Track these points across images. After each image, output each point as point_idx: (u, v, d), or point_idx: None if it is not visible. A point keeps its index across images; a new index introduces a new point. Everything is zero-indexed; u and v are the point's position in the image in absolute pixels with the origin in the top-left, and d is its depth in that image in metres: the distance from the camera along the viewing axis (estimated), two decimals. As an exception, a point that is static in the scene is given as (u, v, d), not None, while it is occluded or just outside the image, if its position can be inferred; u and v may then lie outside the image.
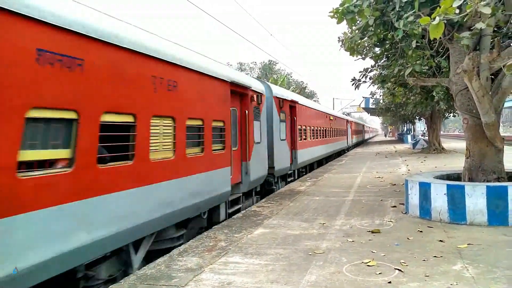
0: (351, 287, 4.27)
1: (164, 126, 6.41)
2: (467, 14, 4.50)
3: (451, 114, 26.69)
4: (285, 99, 14.47)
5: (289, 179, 15.15)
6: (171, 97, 6.61)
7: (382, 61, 10.59)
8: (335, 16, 7.53)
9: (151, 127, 5.98)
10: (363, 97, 42.94)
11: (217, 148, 8.43)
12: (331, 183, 13.47)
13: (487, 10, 4.25)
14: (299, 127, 16.54)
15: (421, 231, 6.50)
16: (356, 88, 11.11)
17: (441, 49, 8.76)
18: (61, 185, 4.33)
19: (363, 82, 11.00)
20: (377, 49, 10.39)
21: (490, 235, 6.10)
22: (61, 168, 4.40)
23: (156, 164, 6.10)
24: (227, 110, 9.00)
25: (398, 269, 4.73)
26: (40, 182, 4.07)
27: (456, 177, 8.58)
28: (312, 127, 19.75)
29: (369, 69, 10.94)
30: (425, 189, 7.44)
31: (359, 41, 9.37)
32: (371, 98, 34.04)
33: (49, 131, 4.43)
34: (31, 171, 4.04)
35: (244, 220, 8.06)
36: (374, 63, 11.05)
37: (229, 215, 8.98)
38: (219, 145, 8.59)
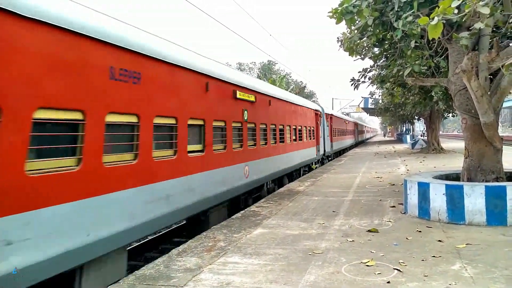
0: (350, 287, 4.27)
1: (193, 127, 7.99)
2: (465, 14, 4.51)
3: (450, 114, 26.73)
4: (327, 113, 26.59)
5: (329, 159, 26.74)
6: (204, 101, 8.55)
7: (381, 61, 10.60)
8: (334, 16, 7.52)
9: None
10: (362, 97, 42.99)
11: (309, 139, 19.60)
12: (330, 183, 13.47)
13: (486, 10, 4.26)
14: (333, 129, 28.63)
15: (420, 231, 6.51)
16: (355, 89, 11.12)
17: (440, 49, 8.77)
18: (140, 170, 5.94)
19: (362, 82, 11.01)
20: (376, 49, 10.40)
21: (488, 235, 6.10)
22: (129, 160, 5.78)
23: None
24: (314, 122, 20.99)
25: (397, 269, 4.73)
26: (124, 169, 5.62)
27: (455, 177, 8.59)
28: (339, 129, 32.09)
29: (368, 69, 10.96)
30: (424, 189, 7.45)
31: (358, 41, 9.37)
32: (370, 98, 34.12)
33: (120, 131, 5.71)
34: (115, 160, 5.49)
35: (243, 220, 8.06)
36: (373, 63, 11.06)
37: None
38: (311, 138, 20.11)
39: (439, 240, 5.90)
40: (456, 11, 4.08)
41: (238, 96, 10.32)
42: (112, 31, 5.59)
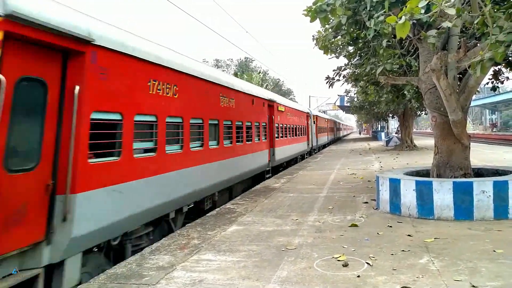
0: (321, 282, 4.34)
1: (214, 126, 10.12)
2: (433, 14, 4.63)
3: (423, 112, 27.38)
4: (314, 115, 31.81)
5: (315, 151, 31.61)
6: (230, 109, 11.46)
7: (355, 59, 10.75)
8: (309, 14, 7.59)
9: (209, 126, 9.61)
10: (338, 95, 43.53)
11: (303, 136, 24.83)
12: (306, 180, 13.60)
13: (452, 11, 4.38)
14: (318, 127, 34.08)
15: (390, 226, 6.66)
16: (330, 87, 11.27)
17: (412, 49, 8.98)
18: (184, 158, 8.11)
19: (337, 80, 11.16)
20: (350, 48, 10.55)
21: (456, 229, 6.30)
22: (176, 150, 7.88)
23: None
24: (305, 122, 26.44)
25: (367, 263, 4.83)
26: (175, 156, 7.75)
27: (425, 173, 8.82)
28: (321, 127, 37.39)
29: (343, 68, 11.11)
30: (395, 185, 7.62)
31: (333, 39, 9.49)
32: (346, 96, 34.56)
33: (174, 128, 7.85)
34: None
35: (218, 217, 8.05)
36: (348, 61, 11.22)
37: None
38: (303, 135, 25.11)
39: (409, 235, 6.06)
40: (423, 11, 4.18)
41: (264, 105, 15.38)
42: (178, 61, 8.14)
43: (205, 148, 9.25)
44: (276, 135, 17.17)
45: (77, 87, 5.04)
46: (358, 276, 4.44)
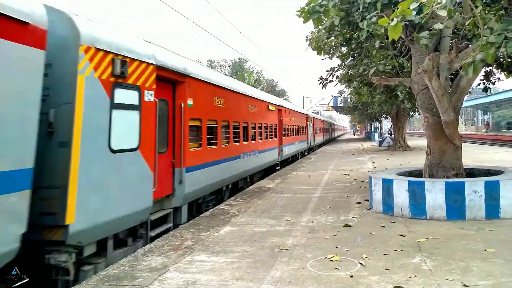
0: (314, 282, 4.35)
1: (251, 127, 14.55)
2: (425, 16, 4.67)
3: (416, 113, 27.55)
4: (311, 117, 34.78)
5: (312, 150, 34.19)
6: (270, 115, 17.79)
7: (348, 60, 10.79)
8: (302, 15, 7.61)
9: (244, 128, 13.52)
10: (332, 96, 43.67)
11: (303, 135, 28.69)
12: (299, 180, 13.63)
13: (443, 13, 4.42)
14: (314, 128, 36.50)
15: (383, 226, 6.69)
16: (324, 87, 11.30)
17: (404, 50, 9.03)
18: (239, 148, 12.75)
19: (330, 81, 11.20)
20: (343, 49, 10.59)
21: (448, 229, 6.35)
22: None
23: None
24: (305, 123, 30.14)
25: (360, 263, 4.85)
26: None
27: (418, 173, 8.88)
28: (317, 127, 40.20)
29: (336, 68, 11.15)
30: (388, 185, 7.66)
31: (326, 40, 9.53)
32: (340, 97, 34.68)
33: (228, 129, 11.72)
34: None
35: (212, 218, 8.04)
36: (341, 62, 11.26)
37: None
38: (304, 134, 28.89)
39: (401, 235, 6.09)
40: (415, 12, 4.21)
41: (275, 110, 19.16)
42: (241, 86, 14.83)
43: (241, 144, 12.98)
44: (283, 135, 20.82)
45: (182, 104, 8.35)
46: (351, 276, 4.46)
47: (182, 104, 8.30)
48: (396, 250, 5.33)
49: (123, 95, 6.25)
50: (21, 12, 4.43)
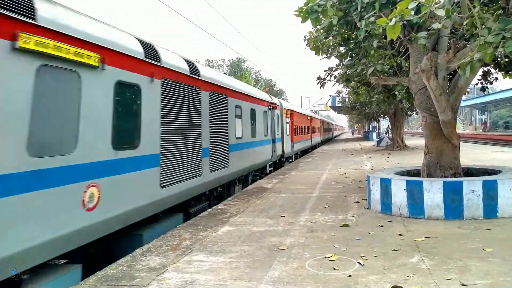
0: (313, 282, 4.35)
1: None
2: (423, 16, 4.67)
3: (414, 112, 27.59)
4: (320, 119, 47.76)
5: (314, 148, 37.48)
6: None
7: (346, 60, 10.80)
8: (300, 15, 7.61)
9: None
10: (330, 96, 43.68)
11: (307, 134, 33.33)
12: (298, 180, 13.63)
13: (441, 13, 4.42)
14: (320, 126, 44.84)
15: (382, 226, 6.70)
16: (322, 87, 11.30)
17: (402, 49, 9.04)
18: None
19: (328, 81, 11.20)
20: (341, 49, 10.60)
21: (446, 229, 6.36)
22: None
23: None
24: (310, 123, 34.78)
25: (359, 263, 4.86)
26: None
27: (416, 173, 8.89)
28: (324, 127, 50.08)
29: (334, 68, 11.15)
30: (386, 185, 7.67)
31: (324, 40, 9.53)
32: (338, 96, 34.70)
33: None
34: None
35: (210, 218, 8.03)
36: (339, 62, 11.26)
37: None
38: (308, 134, 34.11)
39: (400, 234, 6.10)
40: (413, 12, 4.22)
41: (288, 113, 23.43)
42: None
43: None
44: (294, 134, 25.80)
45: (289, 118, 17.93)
46: (350, 276, 4.46)
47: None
48: (394, 250, 5.34)
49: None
50: None
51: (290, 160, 23.91)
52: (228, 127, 11.48)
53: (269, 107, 17.60)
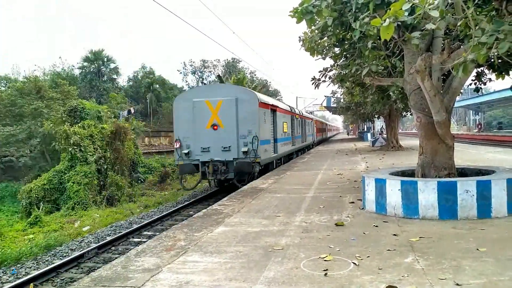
0: (308, 282, 4.35)
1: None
2: (417, 17, 4.69)
3: (408, 113, 27.68)
4: (315, 119, 48.37)
5: (315, 145, 42.48)
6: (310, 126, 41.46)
7: (341, 61, 10.81)
8: (295, 16, 7.61)
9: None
10: (325, 96, 43.77)
11: (310, 133, 43.09)
12: (293, 180, 13.64)
13: (436, 14, 4.45)
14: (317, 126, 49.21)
15: (376, 226, 6.72)
16: (316, 88, 11.30)
17: (397, 50, 9.06)
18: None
19: (322, 81, 11.21)
20: (336, 49, 10.61)
21: (440, 229, 6.39)
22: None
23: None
24: (314, 125, 44.27)
25: (354, 263, 4.86)
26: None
27: (411, 173, 8.92)
28: (319, 127, 52.49)
29: (329, 69, 11.17)
30: (380, 185, 7.69)
31: (319, 41, 9.54)
32: (332, 97, 34.78)
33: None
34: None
35: (205, 219, 8.02)
36: (334, 62, 11.28)
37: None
38: (311, 133, 43.23)
39: (394, 234, 6.12)
40: (407, 13, 4.23)
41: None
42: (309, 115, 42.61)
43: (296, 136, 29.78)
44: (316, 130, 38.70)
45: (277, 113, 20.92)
46: (345, 276, 4.46)
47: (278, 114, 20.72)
48: (389, 250, 5.35)
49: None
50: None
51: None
52: (275, 129, 19.82)
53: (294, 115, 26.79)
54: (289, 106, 26.79)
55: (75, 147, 20.12)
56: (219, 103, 15.72)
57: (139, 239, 11.80)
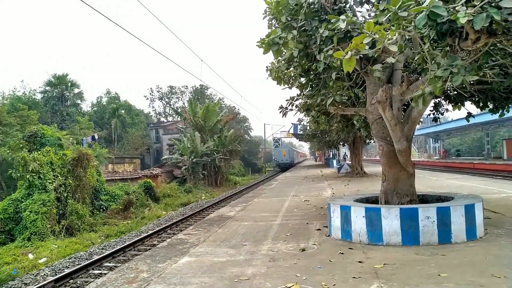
0: (274, 313, 4.28)
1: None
2: (377, 50, 4.93)
3: (372, 140, 28.52)
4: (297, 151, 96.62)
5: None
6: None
7: (307, 90, 11.08)
8: (262, 46, 7.80)
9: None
10: (292, 123, 44.48)
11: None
12: (260, 207, 13.60)
13: (394, 48, 4.69)
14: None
15: (342, 253, 6.76)
16: (284, 116, 11.50)
17: (359, 81, 9.42)
18: None
19: (289, 110, 11.43)
20: (302, 79, 10.89)
21: (403, 255, 6.51)
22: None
23: None
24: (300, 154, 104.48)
25: (320, 292, 4.85)
26: None
27: (375, 199, 9.11)
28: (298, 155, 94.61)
29: (295, 98, 11.42)
30: (345, 212, 7.80)
31: (285, 71, 9.78)
32: (299, 124, 35.37)
33: None
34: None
35: (169, 249, 7.81)
36: (300, 92, 11.55)
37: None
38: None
39: (360, 261, 6.17)
40: (367, 47, 4.44)
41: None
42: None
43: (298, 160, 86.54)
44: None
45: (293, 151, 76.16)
46: (311, 306, 4.43)
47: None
48: (354, 277, 5.38)
49: None
50: None
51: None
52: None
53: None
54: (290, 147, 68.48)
55: (33, 174, 19.24)
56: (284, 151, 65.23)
57: (99, 271, 11.28)
